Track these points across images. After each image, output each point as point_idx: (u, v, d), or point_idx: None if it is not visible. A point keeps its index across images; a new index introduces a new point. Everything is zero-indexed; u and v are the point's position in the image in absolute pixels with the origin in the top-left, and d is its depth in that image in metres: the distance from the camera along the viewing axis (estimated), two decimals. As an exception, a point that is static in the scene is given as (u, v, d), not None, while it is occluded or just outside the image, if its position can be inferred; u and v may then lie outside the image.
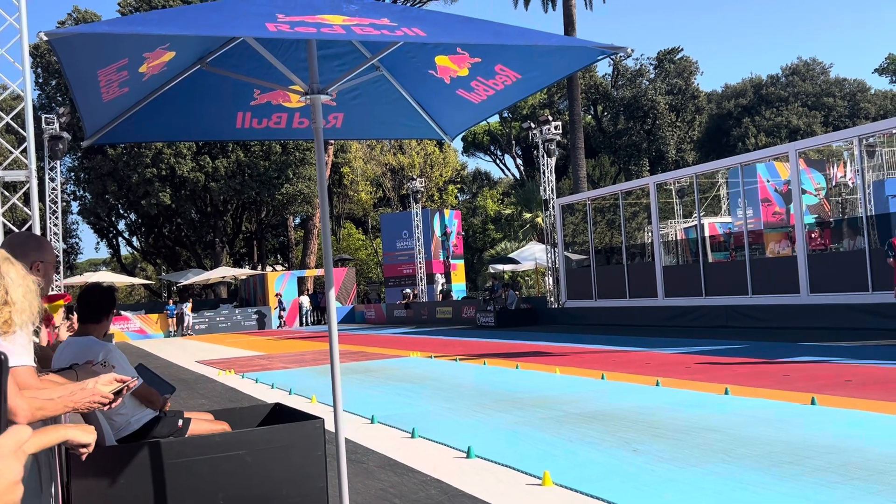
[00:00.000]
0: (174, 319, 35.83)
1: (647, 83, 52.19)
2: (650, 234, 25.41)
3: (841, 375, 9.11)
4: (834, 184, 24.21)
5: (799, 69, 55.31)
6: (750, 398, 7.94)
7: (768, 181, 23.39)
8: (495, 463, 5.86)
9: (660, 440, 6.23)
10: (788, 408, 7.28)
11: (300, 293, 39.44)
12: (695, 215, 22.09)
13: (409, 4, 48.11)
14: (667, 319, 19.80)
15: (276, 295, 37.85)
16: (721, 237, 24.15)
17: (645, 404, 7.99)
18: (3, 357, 2.14)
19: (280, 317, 37.26)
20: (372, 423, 7.96)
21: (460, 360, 14.18)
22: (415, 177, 37.35)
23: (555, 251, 25.74)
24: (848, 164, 24.12)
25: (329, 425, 4.17)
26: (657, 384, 9.25)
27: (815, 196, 22.44)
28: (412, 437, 7.04)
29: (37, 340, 2.81)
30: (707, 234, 23.31)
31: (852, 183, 23.62)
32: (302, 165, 41.76)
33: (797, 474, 4.97)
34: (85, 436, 2.61)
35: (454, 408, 8.65)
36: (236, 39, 4.29)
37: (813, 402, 7.32)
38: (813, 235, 18.14)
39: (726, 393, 8.23)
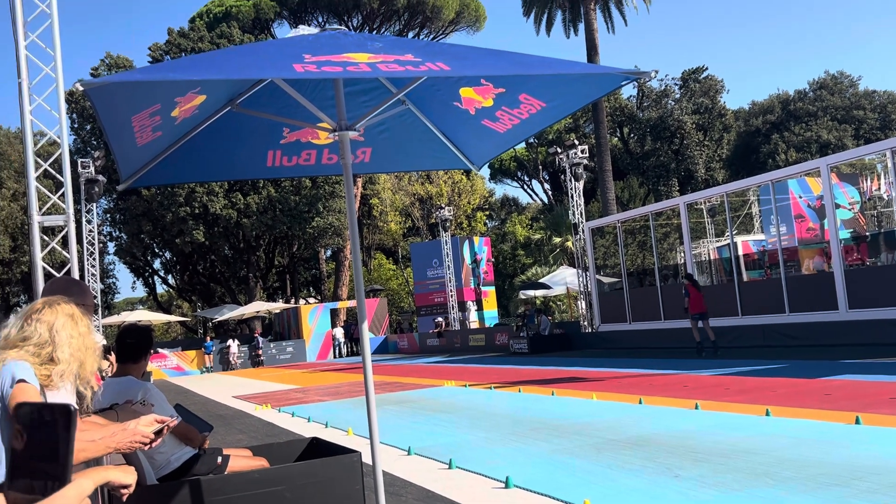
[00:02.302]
0: (211, 356, 36.07)
1: (673, 103, 52.02)
2: (682, 254, 25.19)
3: (885, 393, 8.92)
4: (868, 197, 23.85)
5: (827, 83, 54.79)
6: (792, 419, 7.79)
7: (800, 197, 23.12)
8: (534, 493, 5.80)
9: (701, 465, 6.13)
10: (832, 428, 7.14)
11: (333, 325, 39.61)
12: (727, 234, 21.87)
13: (431, 37, 48.65)
14: (703, 341, 19.52)
15: (231, 339, 37.40)
16: (755, 255, 23.85)
17: (685, 428, 7.88)
18: (72, 409, 2.19)
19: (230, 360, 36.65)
20: (409, 454, 7.93)
21: (495, 388, 14.11)
22: (443, 205, 37.49)
23: (586, 275, 25.59)
24: (882, 176, 23.76)
25: (366, 458, 4.17)
26: (696, 407, 9.12)
27: (850, 210, 22.11)
28: (449, 467, 7.01)
29: (88, 395, 2.86)
30: (741, 252, 23.04)
31: (887, 196, 23.26)
32: (332, 199, 42.15)
33: (844, 496, 4.86)
34: (126, 476, 2.65)
35: (491, 437, 8.59)
36: (265, 80, 4.37)
37: (857, 422, 7.17)
38: (849, 250, 17.86)
39: (767, 414, 8.09)
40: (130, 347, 4.17)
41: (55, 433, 2.18)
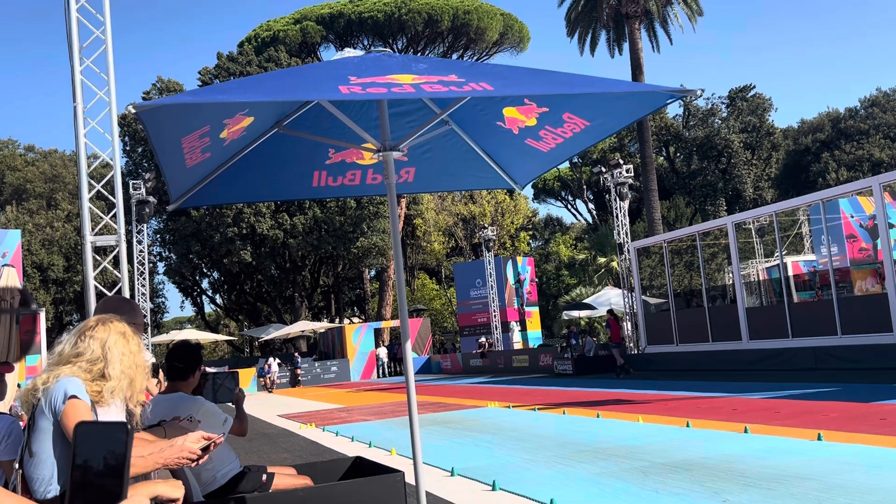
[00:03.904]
0: (267, 379, 35.16)
1: (720, 122, 51.41)
2: (731, 275, 24.78)
3: (944, 418, 8.63)
4: (924, 216, 23.21)
5: (879, 100, 53.64)
6: (844, 444, 7.58)
7: (852, 216, 22.61)
8: (579, 515, 5.73)
9: (751, 490, 6.00)
10: (886, 453, 6.92)
11: (377, 345, 39.73)
12: (776, 254, 21.46)
13: (475, 58, 48.92)
14: (752, 363, 19.15)
15: (267, 365, 35.98)
16: (806, 276, 23.36)
17: (733, 452, 7.71)
18: (128, 428, 2.25)
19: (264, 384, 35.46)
20: (452, 475, 7.90)
21: (539, 409, 14.00)
22: (486, 225, 37.48)
23: (632, 296, 25.31)
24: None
25: (409, 478, 4.17)
26: (745, 431, 8.93)
27: (904, 230, 21.55)
28: (493, 489, 6.96)
29: (137, 413, 2.92)
30: (791, 273, 22.58)
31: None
32: (376, 219, 42.48)
33: (901, 525, 4.70)
34: (174, 491, 2.69)
35: (535, 459, 8.52)
36: (311, 102, 4.44)
37: (914, 448, 6.95)
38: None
39: (819, 439, 7.89)
40: (179, 364, 4.24)
41: (113, 450, 2.24)
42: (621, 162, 25.94)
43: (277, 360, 37.00)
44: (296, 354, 38.62)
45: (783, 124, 70.02)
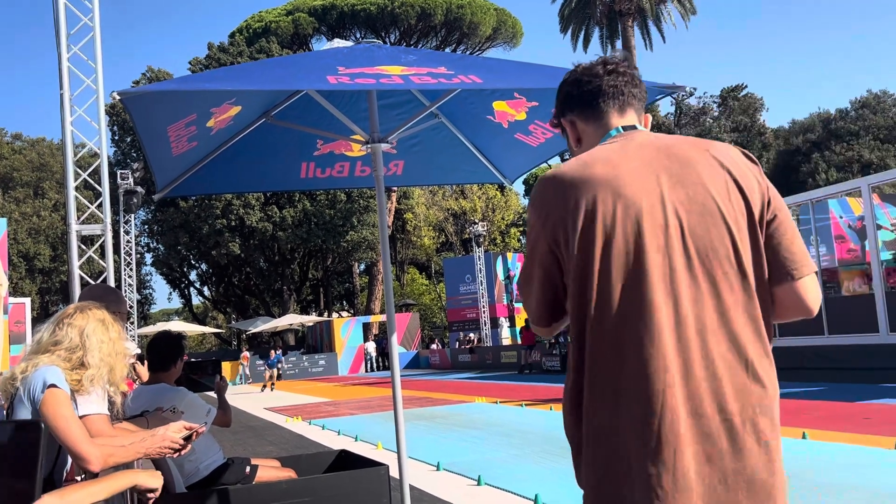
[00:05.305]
0: (274, 371, 33.93)
1: (711, 121, 51.57)
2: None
3: (927, 418, 8.68)
4: (911, 218, 23.32)
5: (869, 102, 53.92)
6: (829, 443, 7.62)
7: (841, 217, 22.71)
8: (563, 511, 5.72)
9: (735, 487, 6.00)
10: (870, 452, 6.96)
11: (365, 339, 39.70)
12: (764, 254, 21.47)
13: (468, 53, 48.85)
14: (739, 361, 19.21)
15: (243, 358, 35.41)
16: (793, 276, 23.39)
17: (718, 450, 7.72)
18: (41, 426, 2.21)
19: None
20: (437, 469, 7.89)
21: (526, 405, 14.01)
22: (477, 221, 37.50)
23: (620, 293, 25.38)
24: (925, 197, 23.22)
25: (394, 472, 4.15)
26: (730, 429, 8.95)
27: (892, 231, 21.66)
28: (478, 484, 6.95)
29: (117, 402, 2.90)
30: (778, 272, 22.60)
31: (931, 217, 22.71)
32: (366, 213, 42.40)
33: (883, 524, 4.71)
34: (152, 481, 2.66)
35: (521, 454, 8.52)
36: (299, 92, 4.41)
37: (898, 447, 6.98)
38: (890, 272, 17.48)
39: (804, 437, 7.92)
40: (161, 355, 4.20)
41: (26, 451, 2.20)
42: (612, 159, 25.98)
43: (253, 352, 36.32)
44: (278, 350, 37.86)
45: (774, 124, 70.34)
